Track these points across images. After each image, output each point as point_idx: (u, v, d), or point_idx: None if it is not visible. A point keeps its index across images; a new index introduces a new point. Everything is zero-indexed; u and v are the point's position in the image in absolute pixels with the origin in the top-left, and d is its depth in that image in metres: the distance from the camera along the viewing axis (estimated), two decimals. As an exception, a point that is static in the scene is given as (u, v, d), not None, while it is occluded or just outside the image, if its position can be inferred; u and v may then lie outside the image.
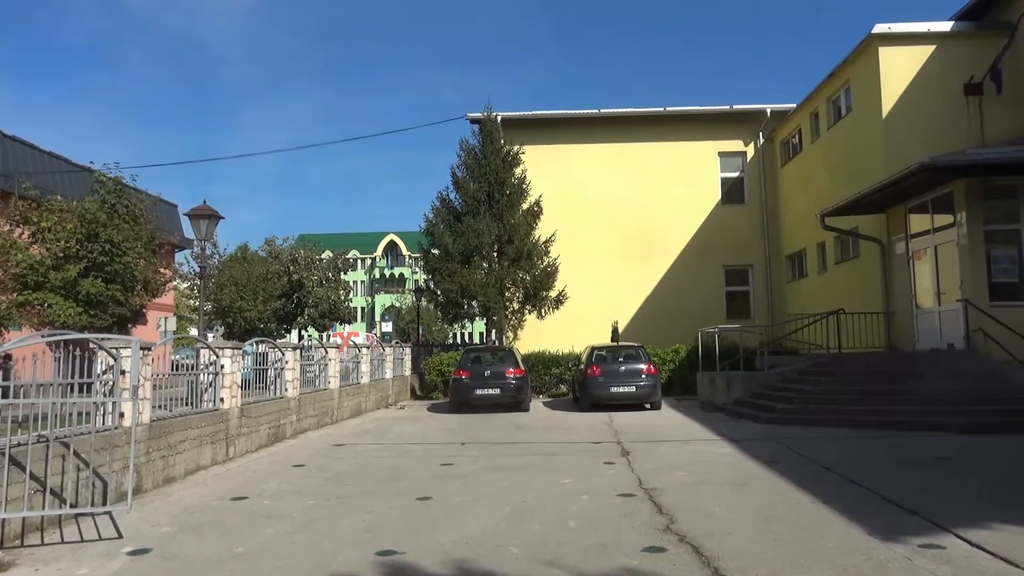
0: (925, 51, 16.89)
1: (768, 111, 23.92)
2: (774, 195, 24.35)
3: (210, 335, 37.68)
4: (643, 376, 16.91)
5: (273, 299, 33.94)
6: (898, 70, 16.89)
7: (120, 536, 6.19)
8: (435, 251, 22.88)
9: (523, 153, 22.95)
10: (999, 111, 16.35)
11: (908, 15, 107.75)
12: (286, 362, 13.05)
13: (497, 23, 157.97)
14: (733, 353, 17.45)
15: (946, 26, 17.08)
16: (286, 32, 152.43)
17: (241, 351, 11.26)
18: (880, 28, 16.92)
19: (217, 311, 33.36)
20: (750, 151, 24.69)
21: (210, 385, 10.30)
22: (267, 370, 12.68)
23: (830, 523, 6.09)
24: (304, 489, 8.19)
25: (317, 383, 15.17)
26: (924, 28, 17.00)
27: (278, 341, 15.56)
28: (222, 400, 10.40)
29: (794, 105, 22.64)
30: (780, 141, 24.24)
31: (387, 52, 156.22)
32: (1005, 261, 14.40)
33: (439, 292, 22.95)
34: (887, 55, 16.95)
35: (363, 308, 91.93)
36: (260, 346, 12.89)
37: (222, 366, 10.43)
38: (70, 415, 6.97)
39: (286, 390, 13.01)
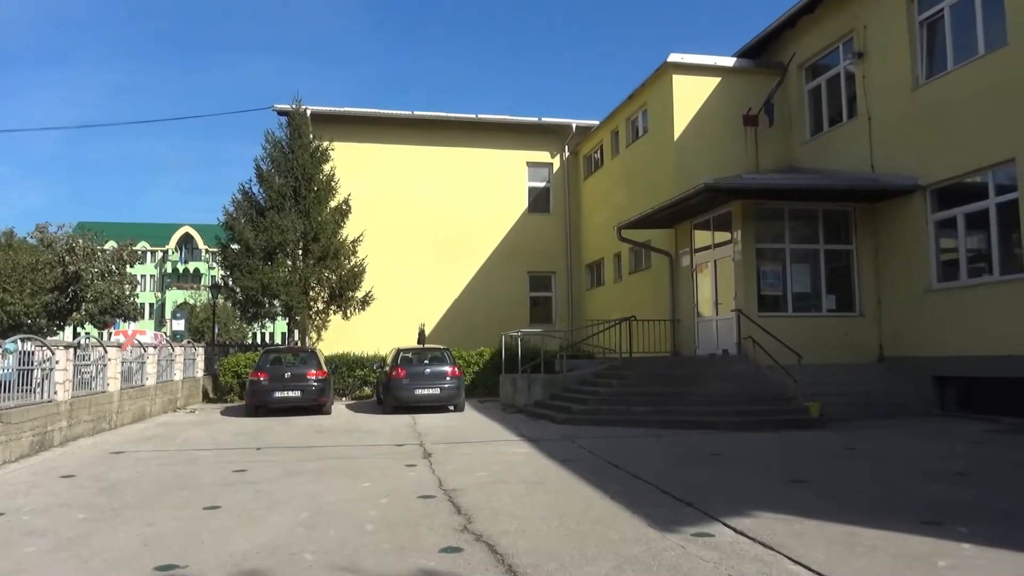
0: (712, 82, 18.52)
1: (574, 126, 25.11)
2: (577, 206, 25.59)
3: (-36, 331, 33.25)
4: (447, 378, 17.10)
5: (44, 292, 30.69)
6: (689, 97, 18.37)
7: None
8: (235, 246, 21.71)
9: (333, 150, 22.40)
10: (771, 141, 18.30)
11: (703, 47, 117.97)
12: (56, 362, 11.77)
13: (315, 13, 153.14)
14: (535, 356, 18.09)
15: (730, 61, 18.83)
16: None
17: (1, 350, 10.03)
18: (674, 57, 18.33)
19: (-27, 304, 29.57)
20: (556, 163, 25.77)
21: (-40, 387, 9.06)
22: (33, 371, 11.37)
23: (616, 516, 6.46)
24: (73, 502, 7.43)
25: (94, 385, 13.84)
26: (712, 61, 18.64)
27: (48, 339, 14.02)
28: (-26, 404, 9.19)
29: (597, 122, 23.94)
30: (584, 155, 25.52)
31: (193, 30, 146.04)
32: (772, 276, 16.09)
33: (238, 289, 21.82)
34: (680, 82, 18.38)
35: (152, 304, 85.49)
36: (25, 344, 11.55)
37: (-24, 366, 9.22)
38: None
39: (55, 393, 11.73)
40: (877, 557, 5.14)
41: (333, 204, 22.09)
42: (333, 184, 22.22)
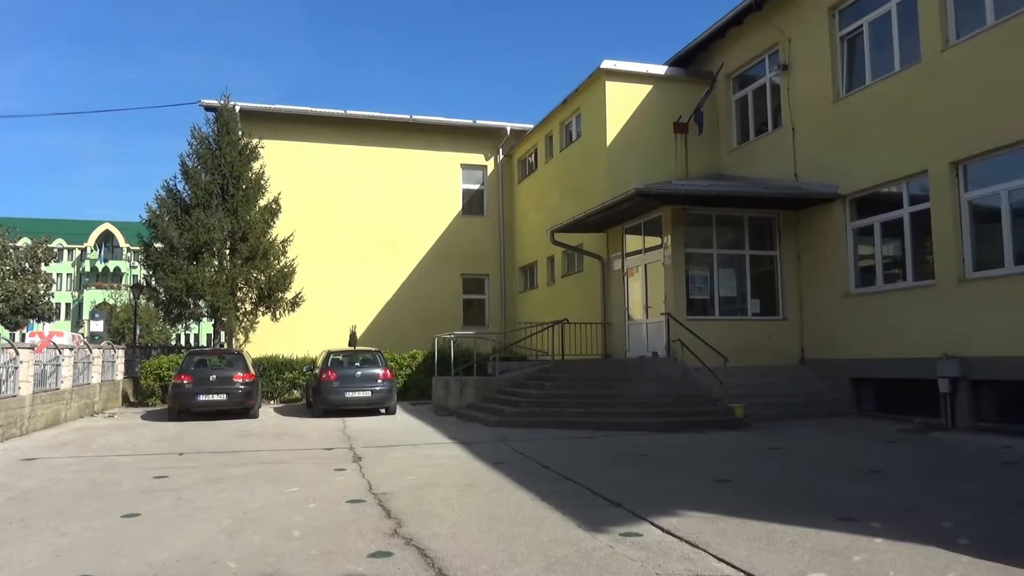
0: (644, 89, 18.83)
1: (508, 129, 25.19)
2: (511, 209, 25.67)
3: None
4: (379, 381, 16.92)
5: (-50, 291, 29.10)
6: (621, 103, 18.63)
7: None
8: (158, 245, 21.02)
9: (262, 147, 21.91)
10: (700, 148, 18.72)
11: (635, 55, 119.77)
12: (-37, 364, 11.19)
13: (242, 6, 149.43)
14: (468, 359, 18.06)
15: (661, 70, 19.18)
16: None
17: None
18: (608, 64, 18.58)
19: None
20: (490, 165, 25.81)
21: None
22: (-64, 374, 10.78)
23: (546, 518, 6.50)
24: (-22, 512, 7.06)
25: (4, 389, 13.17)
26: (644, 69, 18.95)
27: (-47, 340, 13.31)
28: None
29: (532, 126, 24.08)
30: (518, 158, 25.63)
31: (113, 21, 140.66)
32: (700, 281, 16.43)
33: (161, 290, 21.12)
34: (613, 89, 18.63)
35: (69, 304, 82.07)
36: (-72, 345, 10.93)
37: None
38: None
39: (-39, 397, 11.14)
40: (796, 552, 5.31)
41: (262, 203, 21.61)
42: (263, 182, 21.73)
